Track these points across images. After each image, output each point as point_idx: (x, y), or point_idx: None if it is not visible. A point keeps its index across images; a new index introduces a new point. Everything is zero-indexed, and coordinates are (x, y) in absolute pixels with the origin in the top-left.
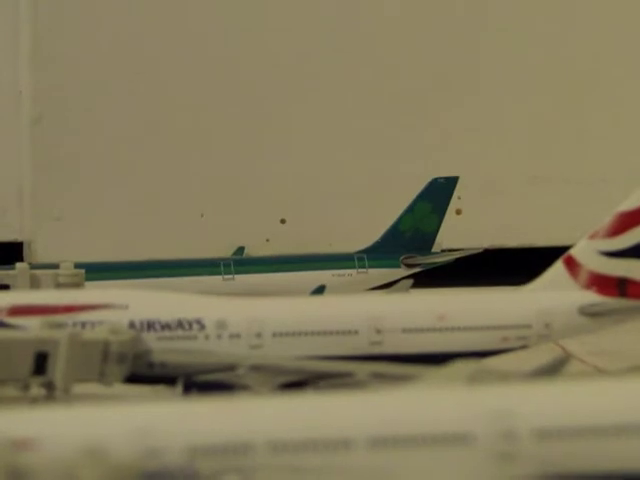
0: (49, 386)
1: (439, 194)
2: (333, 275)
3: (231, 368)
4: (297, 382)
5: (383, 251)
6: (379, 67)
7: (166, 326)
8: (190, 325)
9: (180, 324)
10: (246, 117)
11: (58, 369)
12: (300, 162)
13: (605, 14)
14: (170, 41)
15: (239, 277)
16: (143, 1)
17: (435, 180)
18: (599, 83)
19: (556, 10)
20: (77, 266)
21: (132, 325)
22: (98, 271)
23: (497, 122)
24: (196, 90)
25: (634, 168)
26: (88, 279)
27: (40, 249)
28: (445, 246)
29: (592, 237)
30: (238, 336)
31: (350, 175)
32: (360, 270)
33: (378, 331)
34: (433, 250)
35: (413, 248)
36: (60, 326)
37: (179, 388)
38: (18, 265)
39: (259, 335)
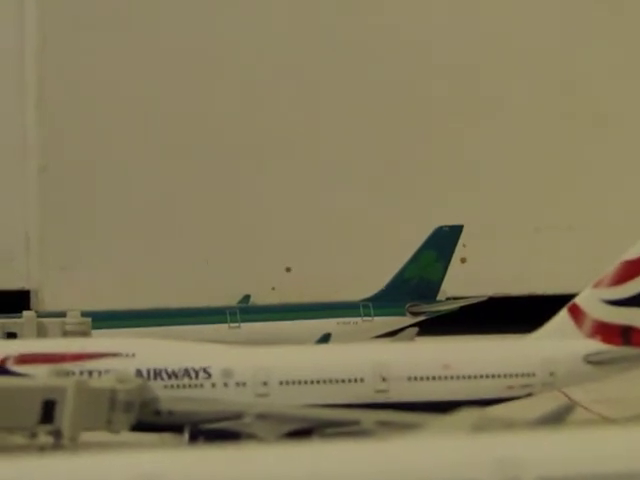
0: (56, 434)
1: (444, 242)
2: (338, 323)
3: (237, 416)
4: (303, 430)
5: (388, 299)
6: (384, 119)
7: (173, 374)
8: (197, 373)
9: (187, 372)
10: (252, 168)
11: (65, 417)
12: (305, 211)
13: (604, 68)
14: (174, 94)
15: (245, 325)
16: (148, 54)
17: (440, 229)
18: (600, 135)
19: (555, 63)
20: (84, 314)
21: (139, 373)
22: (105, 319)
23: (501, 172)
24: (201, 142)
25: (639, 216)
26: (95, 327)
27: (47, 298)
28: (450, 294)
29: (596, 286)
30: (244, 384)
31: (355, 223)
32: (365, 318)
33: (384, 379)
34: (438, 298)
35: (418, 296)
36: (67, 374)
37: (186, 436)
38: (25, 313)
39: (265, 383)
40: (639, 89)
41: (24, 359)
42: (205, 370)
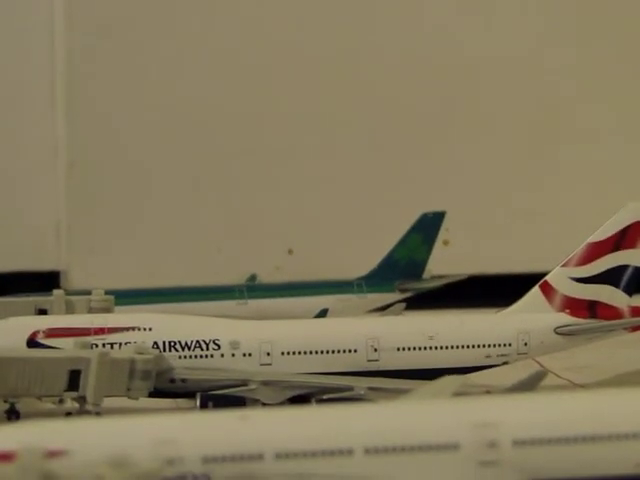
0: (81, 400)
1: (429, 227)
2: (335, 300)
3: (244, 383)
4: (303, 395)
5: (379, 278)
6: (377, 116)
7: (186, 346)
8: (207, 345)
9: (198, 344)
10: (257, 164)
11: (89, 385)
12: (305, 200)
13: (569, 79)
14: (185, 97)
15: (251, 302)
16: (169, 58)
17: (425, 215)
18: (568, 133)
19: (533, 60)
20: (107, 293)
21: (156, 345)
22: (126, 297)
23: (481, 164)
24: (213, 139)
25: (602, 204)
26: (117, 304)
27: (75, 278)
28: (434, 273)
29: (565, 265)
30: (250, 355)
31: (350, 210)
32: (359, 295)
33: (375, 349)
34: (424, 277)
35: (406, 275)
36: (91, 346)
37: (197, 401)
38: (55, 292)
39: (269, 354)
40: (598, 97)
41: (53, 333)
42: (215, 342)
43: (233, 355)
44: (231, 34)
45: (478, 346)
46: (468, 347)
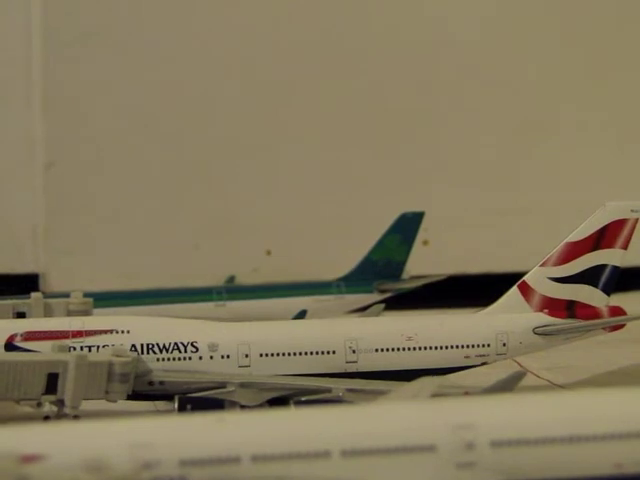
0: (60, 403)
1: (408, 227)
2: (313, 301)
3: (222, 386)
4: (281, 397)
5: (358, 278)
6: (354, 116)
7: (164, 348)
8: (185, 347)
9: (176, 346)
10: (235, 163)
11: (67, 388)
12: (284, 201)
13: (552, 74)
14: (166, 97)
15: (230, 303)
16: (151, 56)
17: (404, 215)
18: (548, 133)
19: (512, 58)
20: (86, 295)
21: (134, 348)
22: (104, 299)
23: (459, 165)
24: (191, 141)
25: (581, 204)
26: (96, 307)
27: (53, 280)
28: (413, 273)
29: (543, 264)
30: (228, 357)
31: (328, 211)
32: (338, 296)
33: (353, 351)
34: (403, 277)
35: (385, 275)
36: (69, 349)
37: (175, 404)
38: (33, 295)
39: (247, 356)
40: (579, 96)
41: (30, 336)
42: (193, 344)
43: (211, 357)
44: (210, 35)
45: (457, 347)
46: (447, 348)
